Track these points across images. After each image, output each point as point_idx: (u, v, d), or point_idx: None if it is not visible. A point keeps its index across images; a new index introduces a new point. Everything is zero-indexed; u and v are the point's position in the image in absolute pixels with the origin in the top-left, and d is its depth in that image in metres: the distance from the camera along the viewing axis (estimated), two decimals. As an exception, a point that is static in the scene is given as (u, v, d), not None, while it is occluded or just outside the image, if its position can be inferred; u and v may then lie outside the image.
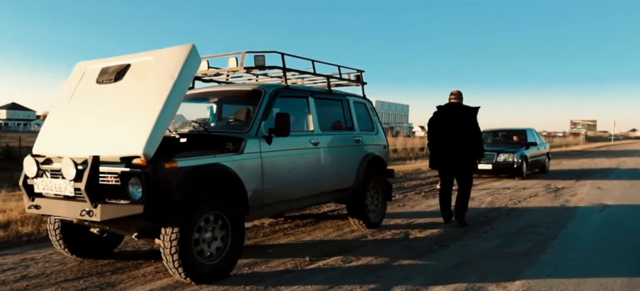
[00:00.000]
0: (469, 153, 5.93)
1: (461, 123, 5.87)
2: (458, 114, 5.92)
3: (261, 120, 4.25)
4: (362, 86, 6.02)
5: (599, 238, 5.29)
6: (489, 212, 6.95)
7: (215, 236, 3.67)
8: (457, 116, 5.91)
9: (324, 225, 5.94)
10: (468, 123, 5.88)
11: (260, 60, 4.52)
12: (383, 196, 5.94)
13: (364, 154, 5.59)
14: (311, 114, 4.94)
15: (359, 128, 5.65)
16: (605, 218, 6.50)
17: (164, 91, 3.38)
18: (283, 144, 4.37)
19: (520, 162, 11.73)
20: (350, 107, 5.63)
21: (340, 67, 5.61)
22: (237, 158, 3.89)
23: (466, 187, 6.01)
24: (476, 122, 5.95)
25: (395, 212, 6.96)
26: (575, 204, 7.67)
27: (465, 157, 5.94)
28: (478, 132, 5.94)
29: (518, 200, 8.11)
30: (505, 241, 5.06)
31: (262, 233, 5.41)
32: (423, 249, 4.73)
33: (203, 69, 4.83)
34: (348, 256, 4.43)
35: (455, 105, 6.00)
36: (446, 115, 5.97)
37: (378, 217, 5.84)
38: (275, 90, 4.53)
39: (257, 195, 4.09)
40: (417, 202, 7.96)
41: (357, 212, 5.55)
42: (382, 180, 5.93)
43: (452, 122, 5.88)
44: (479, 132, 5.97)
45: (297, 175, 4.55)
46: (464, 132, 5.87)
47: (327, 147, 4.99)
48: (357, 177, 5.44)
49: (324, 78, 5.47)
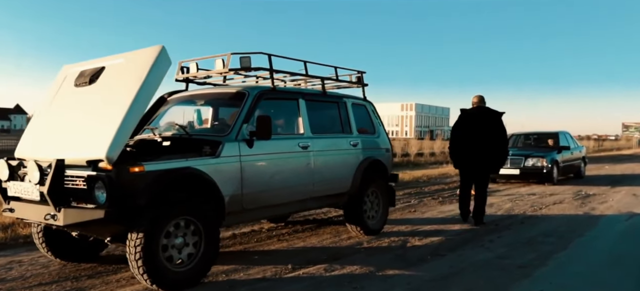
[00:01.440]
0: (493, 156, 6.13)
1: (487, 127, 6.06)
2: (484, 118, 6.11)
3: (243, 123, 4.15)
4: (363, 88, 5.83)
5: (614, 249, 4.88)
6: (503, 220, 6.58)
7: (186, 242, 3.59)
8: (484, 119, 6.10)
9: (323, 230, 5.79)
10: (494, 126, 6.10)
11: (246, 61, 4.44)
12: (384, 202, 5.72)
13: (362, 158, 5.39)
14: (301, 117, 4.81)
15: (357, 131, 5.46)
16: (629, 228, 6.01)
17: (129, 94, 3.34)
18: (266, 147, 4.26)
19: (551, 167, 11.13)
20: (348, 109, 5.45)
21: (338, 68, 5.45)
22: (212, 162, 3.81)
23: (484, 190, 6.20)
24: (503, 125, 6.16)
25: (403, 218, 6.71)
26: (601, 212, 7.15)
27: (489, 159, 6.13)
28: (505, 135, 6.17)
29: (539, 207, 7.66)
30: (508, 252, 4.74)
31: (256, 239, 5.32)
32: (416, 258, 4.49)
33: (192, 71, 4.80)
34: (334, 264, 4.26)
35: (481, 109, 6.21)
36: (472, 119, 6.17)
37: (378, 224, 5.62)
38: (260, 93, 4.43)
39: (236, 200, 3.99)
40: (430, 208, 7.66)
41: (354, 218, 5.36)
42: (383, 185, 5.72)
43: (479, 125, 6.07)
44: (505, 136, 6.17)
45: (282, 179, 4.42)
46: (489, 135, 6.07)
47: (319, 151, 4.84)
48: (354, 181, 5.25)
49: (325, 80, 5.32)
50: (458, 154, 6.30)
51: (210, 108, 4.95)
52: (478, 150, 6.08)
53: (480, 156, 6.10)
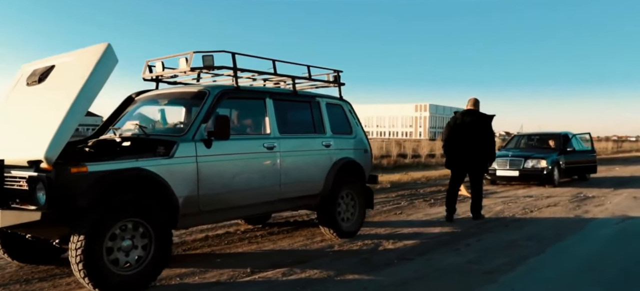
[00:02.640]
0: (482, 157, 6.42)
1: (477, 129, 6.34)
2: (475, 120, 6.38)
3: (201, 122, 4.06)
4: (339, 87, 5.71)
5: (592, 254, 4.68)
6: (488, 222, 6.39)
7: (135, 245, 3.52)
8: (474, 122, 6.37)
9: (299, 232, 5.67)
10: (484, 129, 6.38)
11: (208, 60, 4.36)
12: (360, 204, 5.59)
13: (335, 159, 5.27)
14: (268, 116, 4.71)
15: (331, 132, 5.34)
16: (616, 232, 5.77)
17: (72, 93, 3.28)
18: (226, 148, 4.16)
19: (551, 169, 10.84)
20: (322, 109, 5.33)
21: (312, 66, 5.34)
22: (165, 162, 3.73)
23: (478, 187, 6.53)
24: (491, 128, 6.48)
25: (385, 221, 6.56)
26: (593, 215, 6.91)
27: (479, 159, 6.41)
28: (492, 137, 6.47)
29: (531, 210, 7.43)
30: (480, 256, 4.57)
31: (227, 241, 5.23)
32: (381, 263, 4.35)
33: (158, 70, 4.74)
34: (295, 268, 4.14)
35: (473, 112, 6.48)
36: (464, 121, 6.42)
37: (353, 226, 5.49)
38: (222, 92, 4.34)
39: (191, 202, 3.91)
40: (418, 210, 7.49)
41: (327, 221, 5.24)
42: (359, 186, 5.58)
43: (470, 127, 6.34)
44: (493, 138, 6.50)
45: (245, 180, 4.33)
46: (479, 137, 6.34)
47: (287, 151, 4.73)
48: (326, 183, 5.13)
49: (297, 79, 5.22)
50: (449, 155, 6.57)
51: (176, 108, 4.88)
52: (467, 150, 6.34)
53: (469, 156, 6.36)
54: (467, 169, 6.46)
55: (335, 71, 5.69)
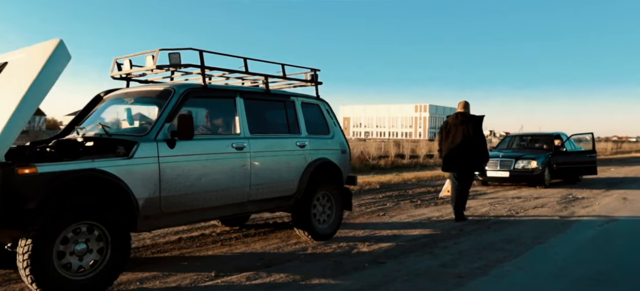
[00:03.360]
0: (475, 157, 6.54)
1: (468, 131, 6.48)
2: (466, 122, 6.54)
3: (164, 122, 3.95)
4: (316, 86, 5.59)
5: (569, 258, 4.56)
6: (469, 224, 6.27)
7: (90, 249, 3.40)
8: (464, 124, 6.53)
9: (275, 234, 5.56)
10: (474, 130, 6.51)
11: (175, 58, 4.24)
12: (337, 205, 5.47)
13: (310, 159, 5.15)
14: (239, 116, 4.59)
15: (307, 132, 5.22)
16: (598, 235, 5.65)
17: (20, 91, 3.16)
18: (191, 148, 4.05)
19: (541, 170, 10.71)
20: (296, 108, 5.21)
21: (286, 65, 5.22)
22: (123, 163, 3.61)
23: (466, 187, 6.66)
24: (481, 129, 6.64)
25: (366, 222, 6.44)
26: (579, 217, 6.79)
27: (472, 160, 6.53)
28: (483, 137, 6.64)
29: (517, 211, 7.31)
30: (454, 259, 4.45)
31: (200, 243, 5.12)
32: (352, 266, 4.23)
33: (126, 68, 4.62)
34: (261, 272, 4.03)
35: (464, 114, 6.64)
36: (456, 124, 6.61)
37: (330, 228, 5.37)
38: (188, 90, 4.22)
39: (152, 204, 3.79)
40: (402, 212, 7.37)
41: (301, 223, 5.12)
42: (336, 188, 5.46)
43: (461, 129, 6.51)
44: (484, 138, 6.67)
45: (211, 182, 4.21)
46: (471, 138, 6.46)
47: (258, 152, 4.61)
48: (300, 184, 5.02)
49: (270, 78, 5.11)
50: (443, 158, 6.76)
51: (142, 107, 4.76)
52: (462, 151, 6.48)
53: (464, 157, 6.49)
54: (462, 170, 6.61)
55: (312, 70, 5.58)
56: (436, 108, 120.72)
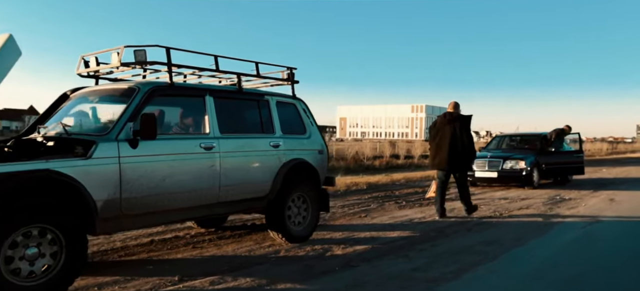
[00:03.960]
0: (462, 156, 6.66)
1: (456, 130, 6.61)
2: (454, 121, 6.68)
3: (127, 121, 3.81)
4: (292, 85, 5.46)
5: (547, 260, 4.45)
6: (453, 226, 6.16)
7: (42, 253, 3.27)
8: (453, 123, 6.66)
9: (250, 237, 5.42)
10: (462, 129, 6.64)
11: (141, 55, 4.11)
12: (314, 207, 5.35)
13: (285, 160, 5.02)
14: (208, 115, 4.46)
15: (282, 132, 5.10)
16: (580, 237, 5.55)
17: (-33, 88, 3.03)
18: (155, 148, 3.92)
19: (530, 170, 10.61)
20: (271, 107, 5.09)
21: (261, 63, 5.09)
22: (80, 163, 3.48)
23: (464, 182, 6.89)
24: (469, 128, 6.78)
25: (346, 224, 6.31)
26: (562, 218, 6.69)
27: (459, 159, 6.66)
28: (470, 136, 6.76)
29: (501, 213, 7.21)
30: (429, 263, 4.33)
31: (171, 246, 4.98)
32: (322, 270, 4.11)
33: (92, 65, 4.49)
34: (227, 276, 3.90)
35: (453, 114, 6.79)
36: (444, 123, 6.74)
37: (305, 230, 5.25)
38: (153, 88, 4.09)
39: (112, 206, 3.66)
40: (385, 213, 7.25)
41: (275, 225, 5.00)
42: (312, 188, 5.34)
43: (449, 128, 6.64)
44: (471, 137, 6.81)
45: (177, 182, 4.07)
46: (458, 137, 6.60)
47: (228, 152, 4.48)
48: (274, 185, 4.89)
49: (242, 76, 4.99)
50: (435, 155, 6.86)
51: (106, 106, 4.62)
52: (451, 150, 6.60)
53: (453, 155, 6.62)
54: (451, 169, 6.73)
55: (288, 68, 5.45)
56: (433, 108, 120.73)
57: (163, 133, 4.17)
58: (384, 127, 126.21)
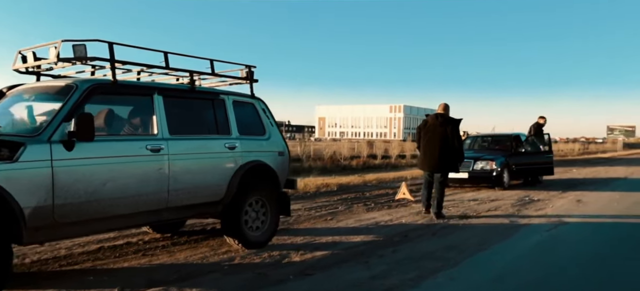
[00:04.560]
0: (451, 158, 6.81)
1: (449, 132, 6.74)
2: (445, 124, 6.79)
3: (62, 121, 3.53)
4: (251, 84, 5.23)
5: (509, 265, 4.35)
6: (418, 229, 6.02)
7: (-41, 265, 2.98)
8: (445, 126, 6.77)
9: (207, 243, 5.18)
10: (451, 131, 6.77)
11: (80, 50, 3.83)
12: (273, 211, 5.13)
13: (241, 162, 4.79)
14: (156, 115, 4.20)
15: (239, 133, 4.86)
16: (544, 240, 5.47)
17: None
18: (95, 150, 3.64)
19: (500, 171, 10.60)
20: (227, 107, 4.85)
21: (216, 61, 4.85)
22: (5, 167, 3.19)
23: (443, 186, 6.96)
24: (458, 131, 6.90)
25: (309, 228, 6.11)
26: (529, 221, 6.62)
27: (448, 159, 6.80)
28: (460, 139, 6.89)
29: (468, 215, 7.11)
30: (388, 270, 4.16)
31: (120, 253, 4.70)
32: (275, 279, 3.90)
33: (30, 61, 4.18)
34: (172, 287, 3.66)
35: (442, 116, 6.92)
36: (435, 124, 6.86)
37: (264, 235, 5.02)
38: (93, 86, 3.81)
39: (43, 213, 3.37)
40: (352, 216, 7.07)
41: (231, 230, 4.77)
42: (271, 192, 5.12)
43: (440, 130, 6.77)
44: (461, 140, 6.94)
45: (119, 187, 3.80)
46: (448, 140, 6.74)
47: (178, 154, 4.23)
48: (229, 189, 4.66)
49: (195, 74, 4.74)
50: (423, 155, 7.05)
51: (42, 104, 4.30)
52: (439, 151, 6.75)
53: (441, 156, 6.76)
54: (437, 169, 6.86)
55: (247, 66, 5.22)
56: (410, 108, 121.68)
57: (105, 134, 3.90)
58: (362, 126, 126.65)
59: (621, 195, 9.74)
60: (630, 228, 6.34)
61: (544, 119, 12.47)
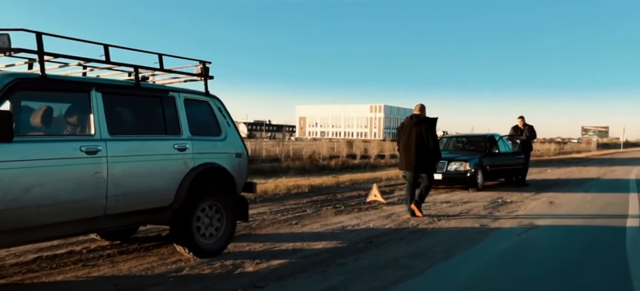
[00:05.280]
0: (428, 157, 6.94)
1: (422, 132, 6.87)
2: (420, 124, 6.92)
3: (-23, 120, 3.14)
4: (206, 81, 4.89)
5: (474, 274, 4.12)
6: (386, 234, 5.75)
7: None
8: (419, 126, 6.90)
9: (157, 251, 4.81)
10: (428, 131, 6.90)
11: (2, 40, 3.44)
12: (229, 217, 4.79)
13: (193, 165, 4.45)
14: (94, 114, 3.83)
15: (190, 133, 4.52)
16: (513, 246, 5.26)
17: None
18: (17, 153, 3.26)
19: (474, 172, 10.44)
20: (177, 105, 4.50)
21: (165, 55, 4.49)
22: None
23: (429, 183, 7.10)
24: (434, 130, 7.06)
25: (272, 233, 5.79)
26: (500, 225, 6.43)
27: (425, 159, 6.92)
28: (436, 138, 7.06)
29: (439, 218, 6.88)
30: (348, 280, 3.88)
31: (57, 263, 4.31)
32: (222, 292, 3.58)
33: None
34: (105, 303, 3.30)
35: (417, 116, 7.04)
36: (410, 125, 6.99)
37: (217, 243, 4.69)
38: (16, 81, 3.42)
39: (-46, 223, 2.99)
40: (319, 220, 6.77)
41: (181, 238, 4.42)
42: (226, 196, 4.79)
43: (415, 130, 6.89)
44: (436, 139, 7.10)
45: (47, 193, 3.43)
46: (424, 139, 6.86)
47: (118, 156, 3.87)
48: (178, 193, 4.31)
49: (141, 69, 4.38)
50: (400, 157, 7.20)
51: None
52: (418, 151, 6.86)
53: (420, 156, 6.87)
54: (418, 170, 6.96)
55: (201, 62, 4.87)
56: (391, 108, 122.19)
57: (38, 134, 3.52)
58: (343, 126, 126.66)
59: (593, 196, 9.68)
60: (600, 231, 6.19)
61: (521, 119, 12.25)
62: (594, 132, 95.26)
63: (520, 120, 12.26)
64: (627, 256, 4.76)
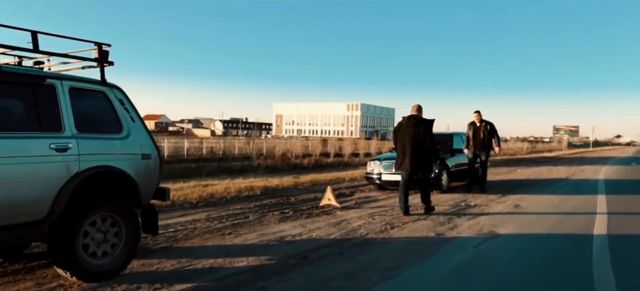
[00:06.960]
0: (425, 157, 7.04)
1: (419, 133, 6.93)
2: (417, 125, 6.99)
3: None
4: (102, 67, 4.06)
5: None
6: (322, 248, 5.00)
7: None
8: (416, 126, 6.97)
9: (41, 273, 3.96)
10: (424, 132, 6.98)
11: None
12: (130, 231, 3.98)
13: (77, 169, 3.62)
14: None
15: (76, 129, 3.69)
16: (468, 260, 4.59)
17: None
18: None
19: (438, 173, 9.82)
20: (58, 96, 3.66)
21: (38, 33, 3.65)
22: None
23: (426, 182, 7.24)
24: (431, 131, 7.12)
25: (196, 247, 5.00)
26: (458, 233, 5.78)
27: (422, 159, 7.00)
28: (433, 139, 7.13)
29: (392, 226, 6.19)
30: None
31: None
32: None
33: None
34: None
35: (414, 117, 7.11)
36: (407, 126, 7.06)
37: (114, 262, 3.88)
38: None
39: None
40: (259, 228, 6.00)
41: (61, 259, 3.60)
42: (127, 207, 3.98)
43: (412, 131, 6.96)
44: (433, 139, 7.16)
45: None
46: (420, 140, 6.93)
47: (-35, 159, 3.03)
48: (56, 204, 3.49)
49: (24, 51, 3.54)
50: (397, 157, 7.21)
51: None
52: (415, 151, 6.92)
53: (417, 156, 6.93)
54: (414, 171, 6.99)
55: (97, 44, 4.04)
56: (368, 107, 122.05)
57: None
58: (320, 125, 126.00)
59: (561, 198, 9.17)
60: (564, 240, 5.61)
61: (477, 114, 10.50)
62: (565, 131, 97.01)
63: (476, 115, 10.45)
64: (592, 269, 4.17)
